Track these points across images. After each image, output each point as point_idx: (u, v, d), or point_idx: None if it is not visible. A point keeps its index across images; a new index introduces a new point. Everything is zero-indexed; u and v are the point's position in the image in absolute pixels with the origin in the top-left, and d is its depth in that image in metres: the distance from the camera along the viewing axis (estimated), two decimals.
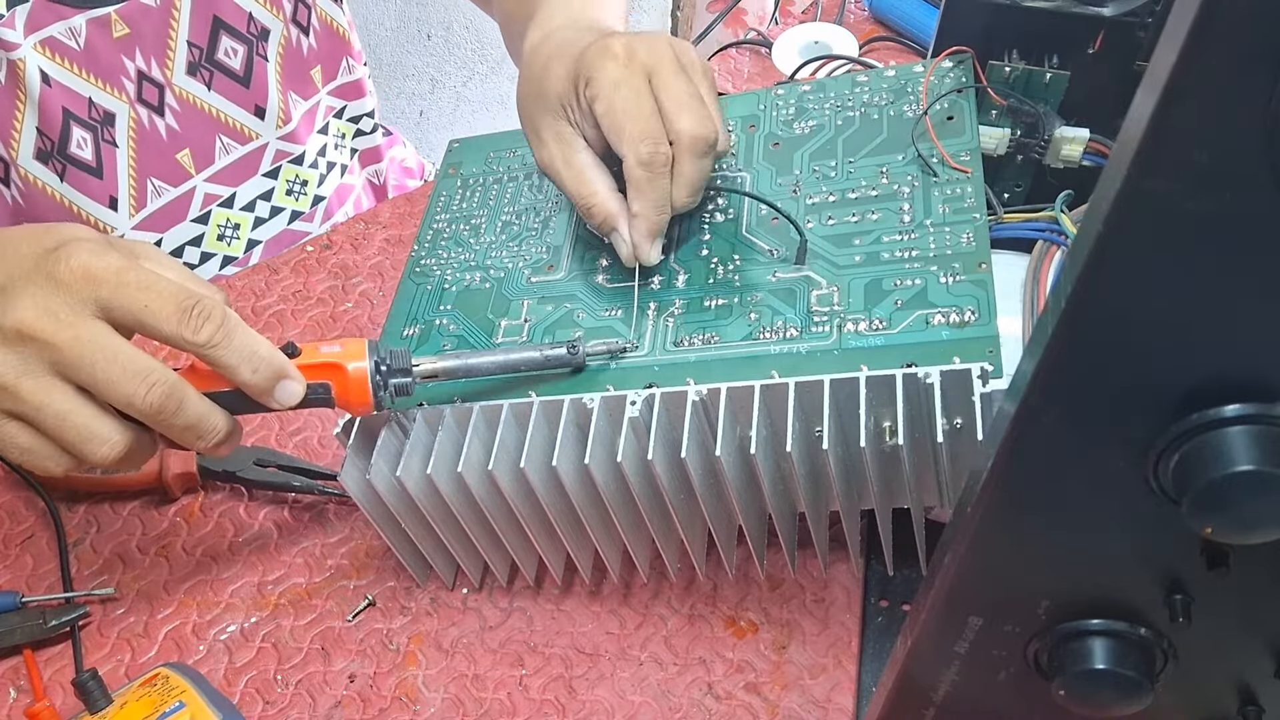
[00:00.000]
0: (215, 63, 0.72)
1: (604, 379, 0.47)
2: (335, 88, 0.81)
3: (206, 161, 0.74)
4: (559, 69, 0.51)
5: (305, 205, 0.81)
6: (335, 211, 0.85)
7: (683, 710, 0.49)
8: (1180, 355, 0.24)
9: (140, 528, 0.58)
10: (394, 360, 0.45)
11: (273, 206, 0.79)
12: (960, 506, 0.31)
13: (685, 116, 0.48)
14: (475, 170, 0.62)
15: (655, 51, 0.50)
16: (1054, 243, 0.49)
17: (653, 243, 0.49)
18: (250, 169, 0.77)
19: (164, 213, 0.73)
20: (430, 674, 0.51)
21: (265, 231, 0.80)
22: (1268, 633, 0.30)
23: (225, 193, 0.76)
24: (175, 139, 0.71)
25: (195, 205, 0.75)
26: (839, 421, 0.43)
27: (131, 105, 0.68)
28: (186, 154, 0.72)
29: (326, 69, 0.80)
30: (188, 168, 0.73)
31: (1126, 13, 0.51)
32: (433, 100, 1.67)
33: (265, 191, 0.78)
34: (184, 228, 0.74)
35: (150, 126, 0.70)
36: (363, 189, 0.89)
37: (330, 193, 0.83)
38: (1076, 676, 0.31)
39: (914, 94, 0.55)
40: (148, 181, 0.71)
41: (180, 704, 0.46)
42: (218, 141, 0.74)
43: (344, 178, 0.85)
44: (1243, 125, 0.20)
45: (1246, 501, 0.24)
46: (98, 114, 0.67)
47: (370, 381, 0.45)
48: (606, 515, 0.47)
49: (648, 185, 0.48)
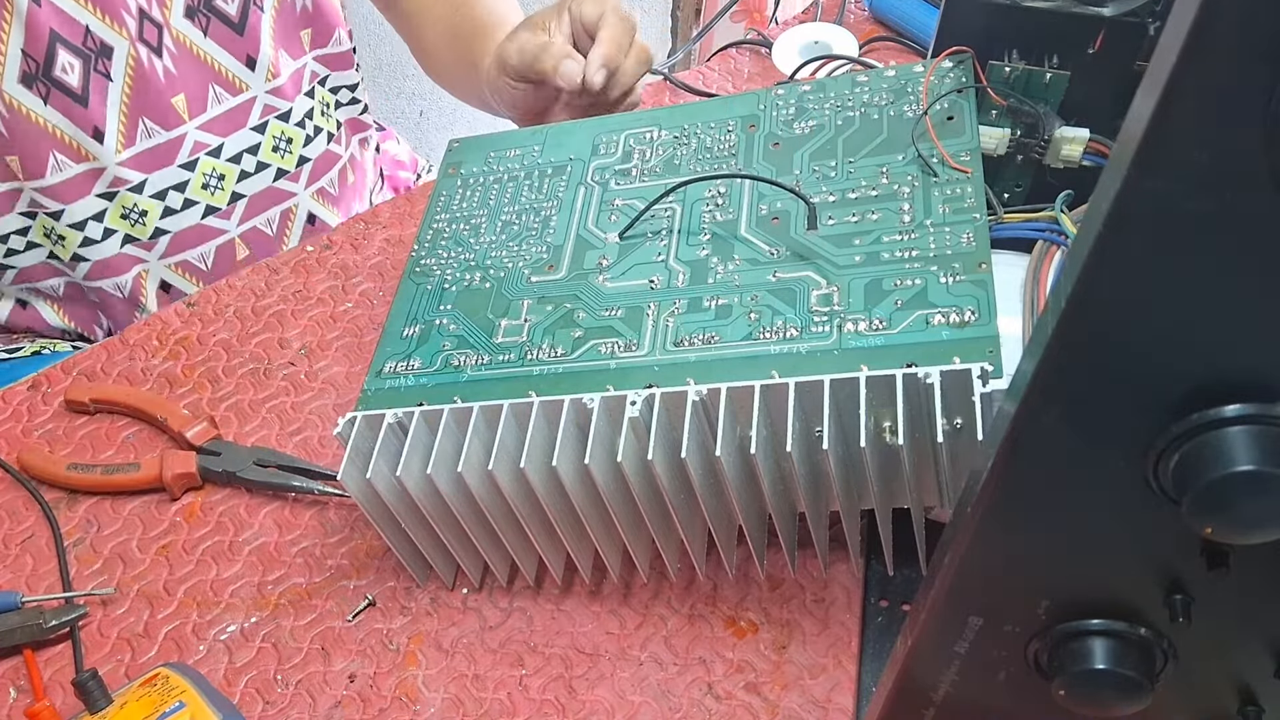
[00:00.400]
0: (212, 8, 0.72)
1: (604, 379, 0.47)
2: (321, 55, 0.82)
3: (199, 109, 0.74)
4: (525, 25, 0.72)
5: (290, 164, 0.82)
6: (321, 177, 0.85)
7: (683, 710, 0.49)
8: (1180, 355, 0.24)
9: (140, 528, 0.58)
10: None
11: (258, 161, 0.80)
12: (960, 506, 0.31)
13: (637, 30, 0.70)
14: (475, 170, 0.62)
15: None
16: (1054, 243, 0.49)
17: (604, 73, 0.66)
18: (239, 121, 0.77)
19: (153, 154, 0.73)
20: (430, 674, 0.51)
21: (250, 186, 0.80)
22: (1268, 633, 0.30)
23: (214, 142, 0.76)
24: (171, 82, 0.72)
25: (184, 151, 0.75)
26: (839, 421, 0.43)
27: (132, 42, 0.69)
28: (181, 99, 0.73)
29: (316, 34, 0.81)
30: (181, 113, 0.73)
31: (1126, 13, 0.51)
32: (433, 100, 1.67)
33: (252, 145, 0.79)
34: (171, 171, 0.75)
35: (149, 66, 0.70)
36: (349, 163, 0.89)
37: (316, 155, 0.84)
38: (1076, 676, 0.31)
39: (914, 94, 0.55)
40: (139, 120, 0.71)
41: (180, 704, 0.46)
42: (210, 90, 0.74)
43: (330, 145, 0.85)
44: (1243, 125, 0.20)
45: (1246, 501, 0.24)
46: (94, 43, 0.67)
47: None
48: (606, 515, 0.47)
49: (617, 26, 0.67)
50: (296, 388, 0.65)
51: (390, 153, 0.98)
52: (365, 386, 0.52)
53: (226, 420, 0.63)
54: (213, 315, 0.69)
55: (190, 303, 0.71)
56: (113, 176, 0.72)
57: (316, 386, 0.65)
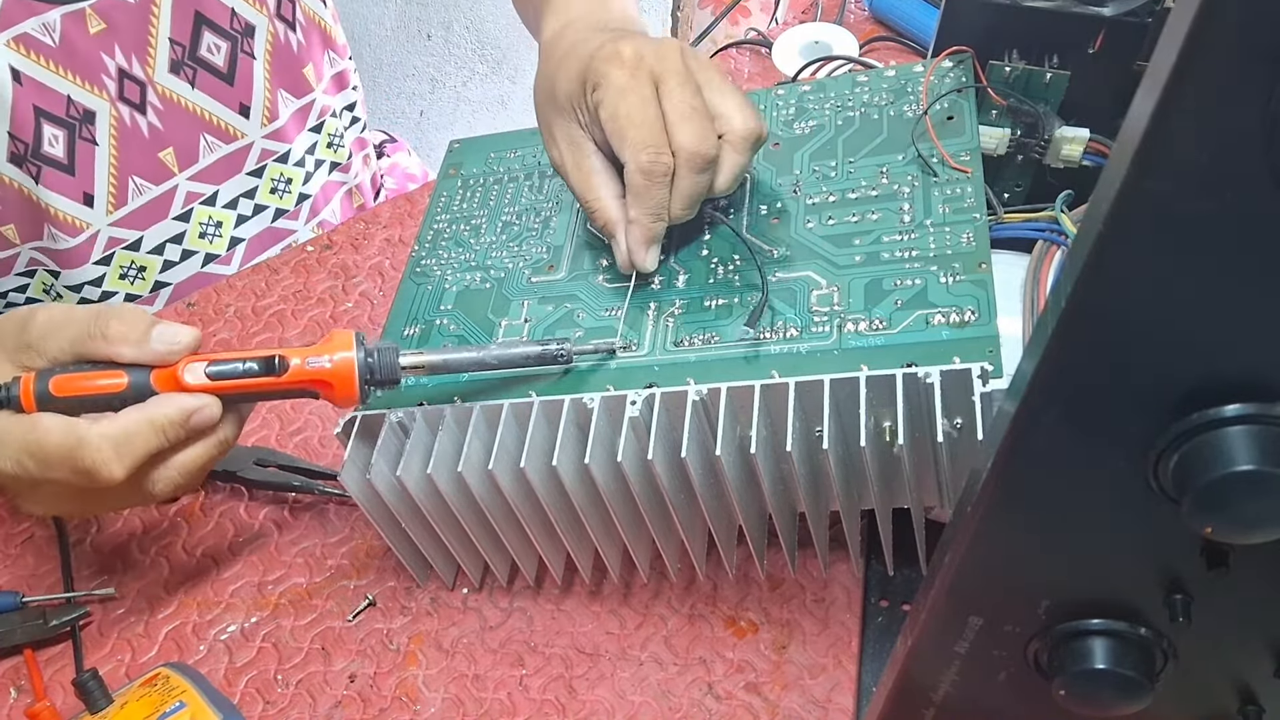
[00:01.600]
0: (198, 60, 0.71)
1: (604, 379, 0.47)
2: (326, 84, 0.81)
3: (190, 160, 0.73)
4: (570, 69, 0.51)
5: (290, 203, 0.81)
6: (322, 209, 0.84)
7: (683, 710, 0.49)
8: (1180, 355, 0.24)
9: (140, 528, 0.58)
10: (381, 360, 0.46)
11: (256, 204, 0.79)
12: (960, 506, 0.31)
13: (686, 130, 0.47)
14: (475, 170, 0.62)
15: (664, 59, 0.49)
16: (1054, 243, 0.49)
17: (648, 250, 0.49)
18: (234, 167, 0.76)
19: (145, 211, 0.72)
20: (430, 674, 0.51)
21: (248, 229, 0.79)
22: (1268, 633, 0.30)
23: (207, 191, 0.75)
24: (157, 137, 0.71)
25: (177, 203, 0.74)
26: (839, 421, 0.43)
27: (112, 103, 0.68)
28: (169, 153, 0.72)
29: (317, 66, 0.79)
30: (170, 166, 0.72)
31: (1126, 13, 0.51)
32: (433, 100, 1.67)
33: (249, 190, 0.78)
34: (165, 225, 0.74)
35: (132, 125, 0.69)
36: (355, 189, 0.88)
37: (316, 190, 0.83)
38: (1076, 676, 0.31)
39: (914, 94, 0.55)
40: (129, 180, 0.70)
41: (181, 704, 0.46)
42: (201, 140, 0.73)
43: (332, 175, 0.85)
44: (1243, 125, 0.20)
45: (1246, 501, 0.24)
46: (76, 111, 0.66)
47: (359, 389, 0.45)
48: (606, 515, 0.47)
49: (645, 193, 0.48)
50: None
51: (401, 165, 0.97)
52: None
53: None
54: (213, 315, 0.69)
55: (190, 303, 0.71)
56: (107, 239, 0.71)
57: None
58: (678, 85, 0.48)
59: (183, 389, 0.45)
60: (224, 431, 0.46)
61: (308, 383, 0.45)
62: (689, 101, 0.48)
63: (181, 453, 0.45)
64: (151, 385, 0.44)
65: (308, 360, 0.45)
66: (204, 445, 0.46)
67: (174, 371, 0.45)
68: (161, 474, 0.45)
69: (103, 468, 0.43)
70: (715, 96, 0.49)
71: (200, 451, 0.46)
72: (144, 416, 0.44)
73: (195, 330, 0.46)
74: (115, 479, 0.43)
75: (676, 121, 0.48)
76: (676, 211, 0.49)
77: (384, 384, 0.46)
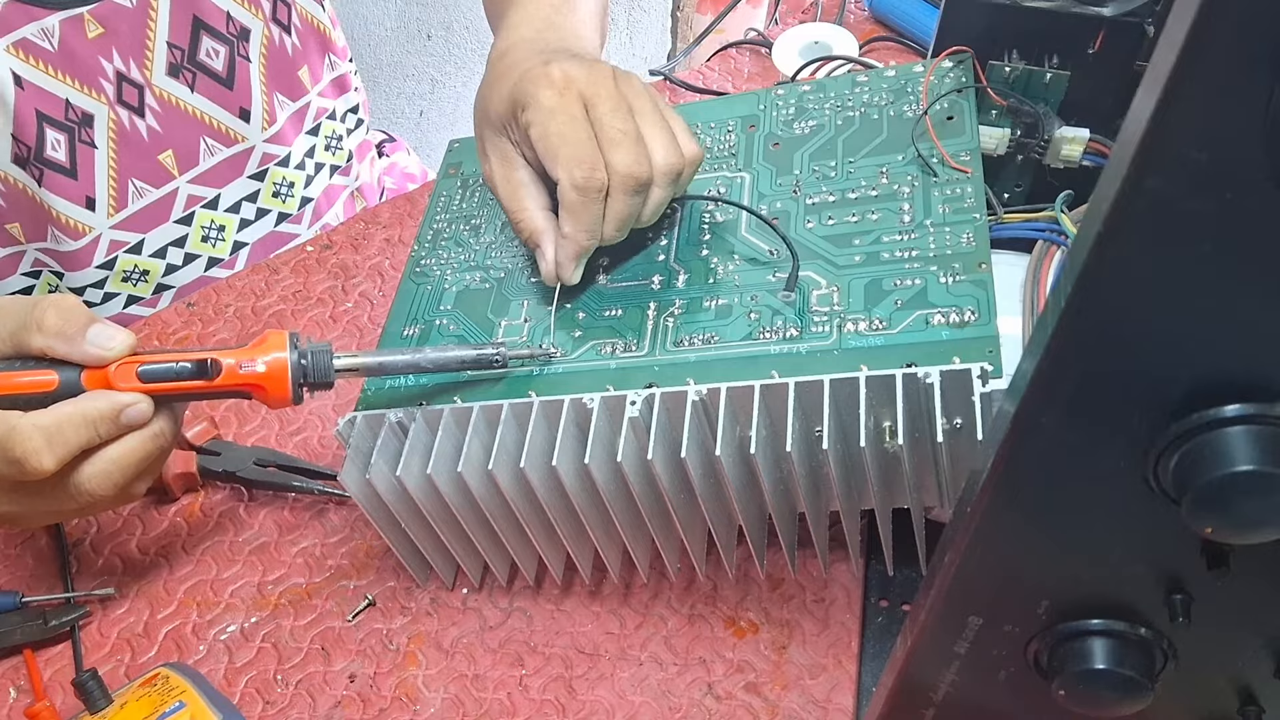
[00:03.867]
0: (198, 64, 0.71)
1: (604, 379, 0.47)
2: (324, 88, 0.80)
3: (190, 163, 0.73)
4: (501, 90, 0.52)
5: (293, 207, 0.81)
6: (325, 212, 0.84)
7: (683, 710, 0.49)
8: (1180, 355, 0.24)
9: (140, 528, 0.58)
10: (314, 363, 0.46)
11: (259, 209, 0.79)
12: (960, 506, 0.31)
13: (619, 153, 0.47)
14: (475, 170, 0.62)
15: (595, 82, 0.49)
16: (1054, 243, 0.49)
17: (576, 265, 0.50)
18: (235, 171, 0.76)
19: (146, 214, 0.72)
20: (430, 674, 0.51)
21: (251, 234, 0.79)
22: (1268, 633, 0.30)
23: (209, 194, 0.75)
24: (157, 140, 0.71)
25: (178, 206, 0.74)
26: (839, 421, 0.43)
27: (111, 106, 0.68)
28: (169, 155, 0.72)
29: (313, 69, 0.79)
30: (170, 169, 0.72)
31: (1126, 13, 0.51)
32: (433, 100, 1.67)
33: (251, 193, 0.78)
34: (167, 229, 0.74)
35: (131, 128, 0.69)
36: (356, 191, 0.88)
37: (318, 194, 0.83)
38: (1076, 676, 0.31)
39: (914, 94, 0.55)
40: (129, 182, 0.70)
41: (180, 704, 0.46)
42: (202, 143, 0.73)
43: (333, 178, 0.84)
44: (1243, 125, 0.20)
45: (1246, 501, 0.24)
46: (75, 115, 0.66)
47: (292, 391, 0.46)
48: (606, 515, 0.47)
49: (580, 209, 0.48)
50: None
51: (400, 165, 0.97)
52: (365, 386, 0.52)
53: (226, 420, 0.63)
54: (213, 315, 0.69)
55: (190, 302, 0.71)
56: (109, 242, 0.71)
57: None
58: (609, 110, 0.48)
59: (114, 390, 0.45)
60: (159, 425, 0.46)
61: (241, 385, 0.46)
62: (620, 125, 0.48)
63: (114, 447, 0.45)
64: (82, 385, 0.45)
65: (241, 364, 0.46)
66: (138, 439, 0.46)
67: (105, 373, 0.45)
68: (95, 468, 0.45)
69: (33, 457, 0.42)
70: (644, 125, 0.49)
71: (135, 445, 0.46)
72: (76, 409, 0.44)
73: (130, 334, 0.46)
74: (45, 469, 0.43)
75: (609, 144, 0.48)
76: (609, 233, 0.49)
77: (318, 386, 0.47)
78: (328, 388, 0.47)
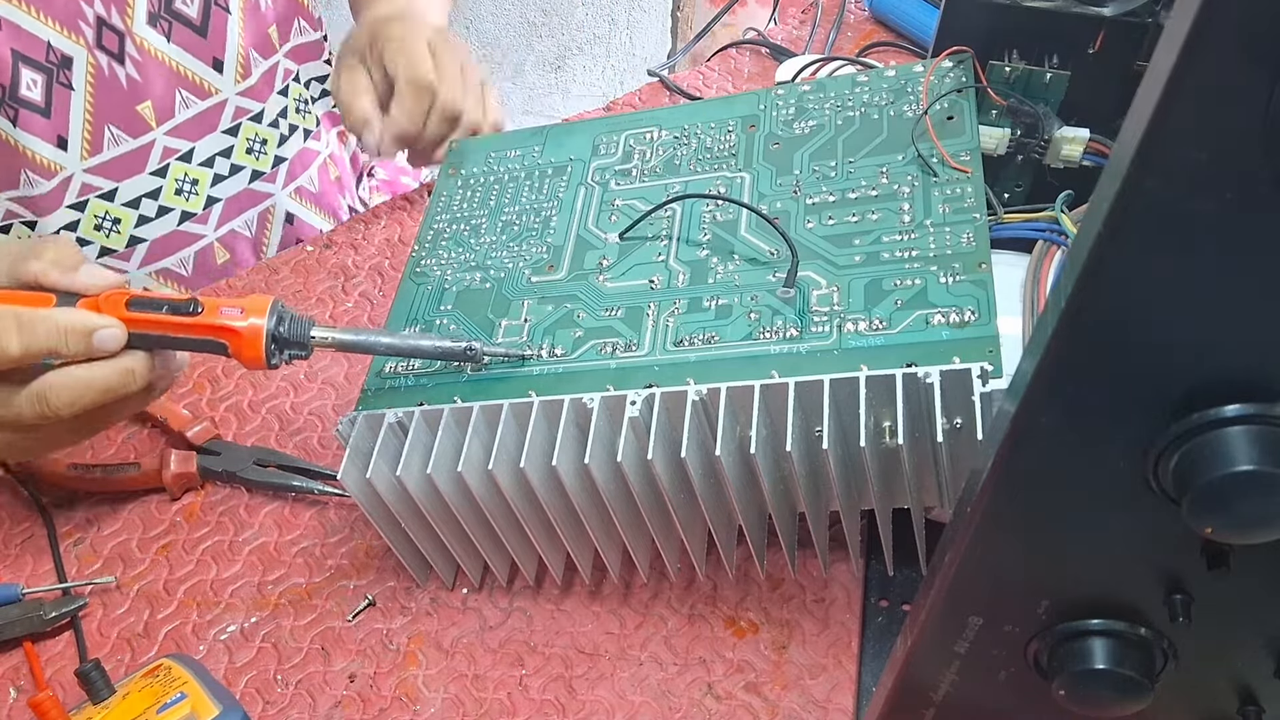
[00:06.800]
0: (174, 12, 0.72)
1: (604, 379, 0.47)
2: (290, 49, 0.81)
3: (166, 115, 0.74)
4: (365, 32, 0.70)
5: (266, 165, 0.81)
6: (299, 175, 0.84)
7: (683, 710, 0.49)
8: (1180, 355, 0.24)
9: (140, 528, 0.58)
10: (291, 327, 0.48)
11: (232, 164, 0.79)
12: (960, 506, 0.31)
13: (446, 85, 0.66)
14: (475, 170, 0.62)
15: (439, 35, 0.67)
16: (1054, 243, 0.49)
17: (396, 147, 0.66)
18: (209, 125, 0.76)
19: (120, 162, 0.73)
20: (430, 674, 0.51)
21: (225, 189, 0.79)
22: (1268, 633, 0.30)
23: (184, 147, 0.76)
24: (135, 89, 0.71)
25: (154, 158, 0.74)
26: (839, 421, 0.43)
27: (90, 50, 0.68)
28: (147, 106, 0.72)
29: (281, 29, 0.80)
30: (148, 120, 0.73)
31: (1126, 13, 0.51)
32: None
33: (225, 148, 0.78)
34: (141, 180, 0.74)
35: (110, 74, 0.69)
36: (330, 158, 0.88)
37: (292, 154, 0.83)
38: (1076, 676, 0.31)
39: (914, 94, 0.55)
40: (105, 128, 0.71)
41: (182, 694, 0.46)
42: (177, 95, 0.74)
43: (307, 142, 0.85)
44: (1243, 125, 0.20)
45: (1246, 501, 0.24)
46: (55, 57, 0.67)
47: (265, 348, 0.47)
48: (606, 515, 0.47)
49: (410, 99, 0.65)
50: (296, 388, 0.65)
51: (399, 163, 0.97)
52: (365, 386, 0.52)
53: (226, 420, 0.63)
54: None
55: None
56: (80, 184, 0.71)
57: (316, 386, 0.65)
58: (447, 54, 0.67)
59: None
60: (130, 362, 0.48)
61: (218, 329, 0.47)
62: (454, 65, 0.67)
63: (81, 367, 0.47)
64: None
65: (222, 309, 0.47)
66: (108, 367, 0.47)
67: (96, 301, 0.47)
68: (59, 379, 0.47)
69: (2, 335, 0.45)
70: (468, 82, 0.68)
71: (102, 374, 0.47)
72: (51, 315, 0.46)
73: (121, 278, 0.49)
74: (11, 352, 0.45)
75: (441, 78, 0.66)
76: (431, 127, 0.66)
77: (291, 346, 0.48)
78: (303, 353, 0.48)
